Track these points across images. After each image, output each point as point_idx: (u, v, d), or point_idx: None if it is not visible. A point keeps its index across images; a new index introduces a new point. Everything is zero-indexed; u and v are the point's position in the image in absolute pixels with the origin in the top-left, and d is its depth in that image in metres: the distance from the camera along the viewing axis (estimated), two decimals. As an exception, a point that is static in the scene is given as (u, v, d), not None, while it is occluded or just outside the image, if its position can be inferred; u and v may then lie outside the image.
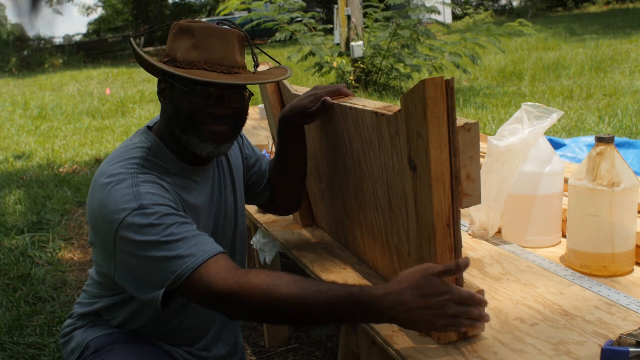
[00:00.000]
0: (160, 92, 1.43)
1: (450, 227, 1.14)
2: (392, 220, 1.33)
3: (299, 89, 1.72)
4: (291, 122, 1.56)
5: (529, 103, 1.64)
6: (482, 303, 1.17)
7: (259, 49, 1.58)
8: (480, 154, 2.27)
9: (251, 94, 1.43)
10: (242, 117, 1.44)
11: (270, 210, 1.83)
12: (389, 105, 1.27)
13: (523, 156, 1.60)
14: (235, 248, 1.63)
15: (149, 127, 1.49)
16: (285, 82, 1.77)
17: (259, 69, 1.50)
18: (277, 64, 1.59)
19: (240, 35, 1.40)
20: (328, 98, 1.48)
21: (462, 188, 1.12)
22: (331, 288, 1.18)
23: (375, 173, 1.35)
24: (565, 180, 1.67)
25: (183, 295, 1.29)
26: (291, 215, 2.02)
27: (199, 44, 1.34)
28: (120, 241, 1.28)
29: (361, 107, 1.33)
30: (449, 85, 1.06)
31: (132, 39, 1.43)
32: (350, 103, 1.41)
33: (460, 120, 1.10)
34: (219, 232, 1.55)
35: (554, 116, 1.59)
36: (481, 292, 1.20)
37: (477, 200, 1.14)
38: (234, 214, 1.60)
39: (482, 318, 1.17)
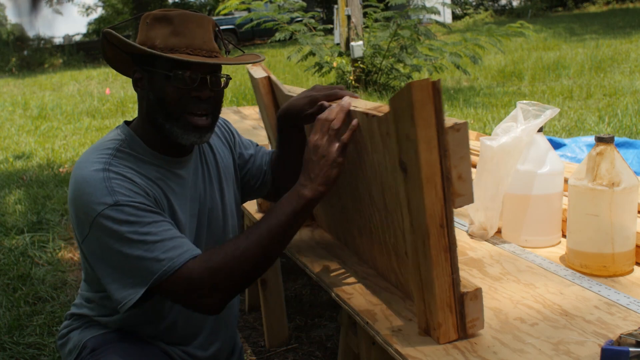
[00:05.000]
0: (136, 83, 1.44)
1: (444, 228, 1.13)
2: (388, 221, 1.33)
3: (292, 89, 1.72)
4: (289, 120, 1.57)
5: (524, 101, 1.64)
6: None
7: (223, 39, 1.58)
8: (474, 152, 2.28)
9: (229, 78, 1.46)
10: (221, 101, 1.48)
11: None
12: (379, 106, 1.27)
13: (517, 155, 1.59)
14: None
15: (127, 123, 1.51)
16: (278, 83, 1.78)
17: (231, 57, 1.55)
18: (242, 53, 1.60)
19: (213, 22, 1.45)
20: (325, 103, 1.47)
21: (454, 188, 1.11)
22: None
23: (370, 174, 1.35)
24: (565, 180, 1.67)
25: (162, 295, 1.33)
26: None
27: (178, 30, 1.37)
28: (97, 230, 1.30)
29: (352, 108, 1.34)
30: (435, 87, 1.05)
31: (104, 32, 1.40)
32: None
33: (449, 121, 1.09)
34: (204, 229, 1.55)
35: (548, 113, 1.58)
36: (478, 290, 1.19)
37: (470, 200, 1.13)
38: (222, 213, 1.60)
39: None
